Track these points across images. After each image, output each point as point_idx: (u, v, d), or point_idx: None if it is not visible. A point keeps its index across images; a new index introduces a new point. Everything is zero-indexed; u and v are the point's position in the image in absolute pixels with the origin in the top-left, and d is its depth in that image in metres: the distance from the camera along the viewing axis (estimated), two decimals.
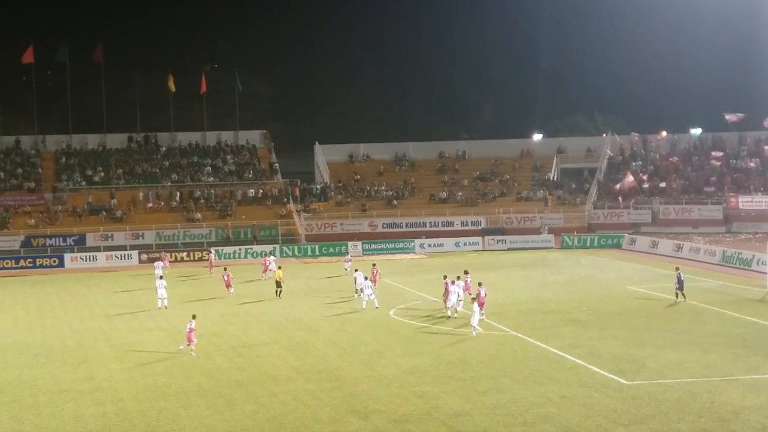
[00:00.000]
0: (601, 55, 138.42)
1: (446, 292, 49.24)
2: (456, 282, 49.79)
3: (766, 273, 56.99)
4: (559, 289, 57.94)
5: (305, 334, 45.25)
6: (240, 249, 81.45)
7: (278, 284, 56.79)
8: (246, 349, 41.38)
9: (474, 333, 42.70)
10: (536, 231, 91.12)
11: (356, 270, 57.83)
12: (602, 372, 35.33)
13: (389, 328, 46.42)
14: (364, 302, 51.83)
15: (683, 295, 51.52)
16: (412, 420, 29.87)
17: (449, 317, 47.69)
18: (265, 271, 65.29)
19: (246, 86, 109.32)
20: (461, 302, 48.62)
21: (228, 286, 57.73)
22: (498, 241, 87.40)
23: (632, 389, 32.78)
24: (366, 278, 53.79)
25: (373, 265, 59.89)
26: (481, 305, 45.66)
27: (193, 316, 42.39)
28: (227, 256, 75.16)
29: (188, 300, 56.48)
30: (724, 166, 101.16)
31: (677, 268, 53.65)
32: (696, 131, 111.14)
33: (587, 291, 56.36)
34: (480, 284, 48.05)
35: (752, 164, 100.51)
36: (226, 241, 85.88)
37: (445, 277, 52.04)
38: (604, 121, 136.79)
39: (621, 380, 34.01)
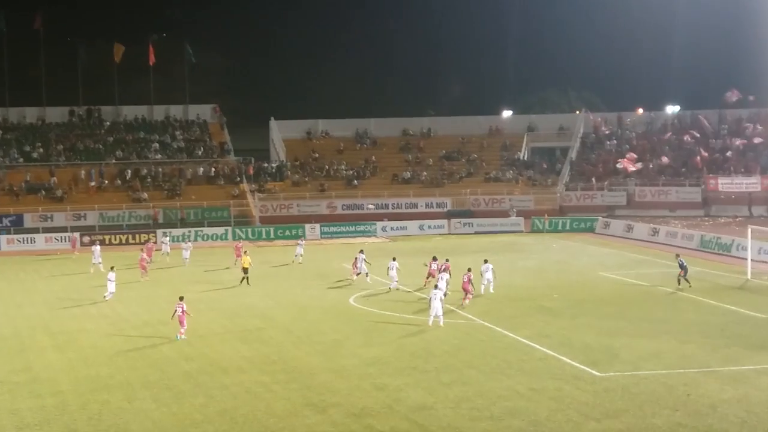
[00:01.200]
0: (575, 29, 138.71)
1: (429, 275, 51.61)
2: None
3: (746, 259, 57.52)
4: (529, 276, 58.18)
5: (259, 322, 45.14)
6: (190, 231, 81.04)
7: (245, 271, 56.33)
8: (195, 339, 41.20)
9: (431, 322, 42.60)
10: (505, 214, 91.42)
11: (361, 251, 57.74)
12: (573, 363, 35.53)
13: (349, 316, 46.41)
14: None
15: (687, 281, 51.86)
16: (372, 414, 29.89)
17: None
18: (238, 256, 63.18)
19: (197, 57, 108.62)
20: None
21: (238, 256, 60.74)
22: (465, 225, 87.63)
23: (605, 381, 33.00)
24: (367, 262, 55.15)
25: (360, 251, 60.02)
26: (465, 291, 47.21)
27: (181, 298, 42.21)
28: (176, 239, 74.76)
29: (136, 285, 56.17)
30: (703, 145, 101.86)
31: (677, 255, 54.11)
32: (674, 108, 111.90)
33: (558, 277, 56.64)
34: (469, 269, 48.67)
35: (733, 144, 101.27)
36: (177, 223, 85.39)
37: (434, 258, 53.42)
38: (578, 97, 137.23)
39: (593, 372, 34.21)
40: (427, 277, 52.84)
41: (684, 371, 34.21)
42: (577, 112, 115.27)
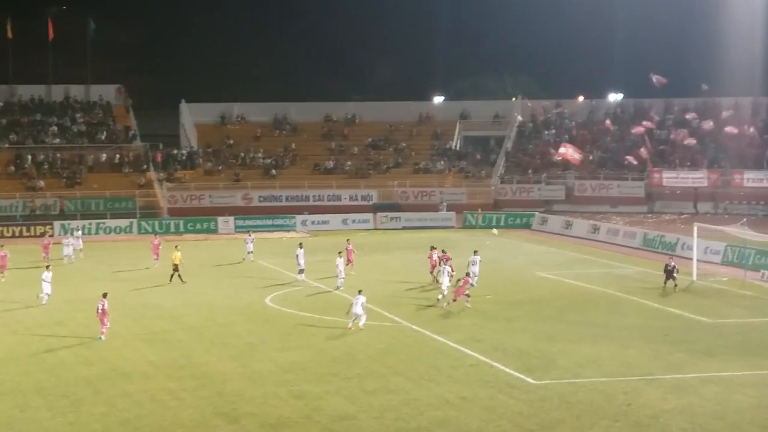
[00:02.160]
0: (512, 9, 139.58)
1: (433, 267, 53.59)
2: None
3: (691, 259, 58.33)
4: (459, 274, 58.32)
5: (166, 323, 44.78)
6: (91, 224, 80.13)
7: (175, 268, 55.56)
8: (96, 341, 40.74)
9: (349, 325, 42.49)
10: (435, 208, 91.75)
11: (300, 246, 57.29)
12: (507, 370, 35.74)
13: (265, 317, 46.24)
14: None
15: (675, 284, 52.41)
16: (289, 424, 29.81)
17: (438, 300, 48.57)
18: (156, 253, 61.91)
19: (100, 33, 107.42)
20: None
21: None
22: (392, 219, 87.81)
23: (541, 389, 33.23)
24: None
25: (347, 240, 60.04)
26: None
27: (104, 295, 41.70)
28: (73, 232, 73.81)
29: (28, 280, 55.43)
30: (648, 136, 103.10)
31: (671, 257, 54.67)
32: (616, 96, 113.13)
33: (492, 277, 56.91)
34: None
35: (679, 135, 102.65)
36: (77, 215, 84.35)
37: (432, 248, 54.98)
38: (514, 83, 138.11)
39: (528, 379, 34.45)
40: (432, 270, 54.47)
41: (625, 379, 34.58)
42: (514, 99, 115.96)
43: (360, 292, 43.37)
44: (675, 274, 52.73)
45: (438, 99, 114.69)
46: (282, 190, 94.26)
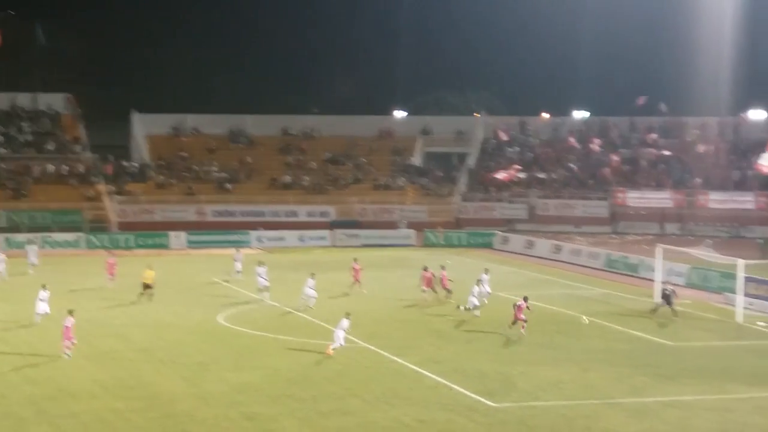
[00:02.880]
0: (476, 24, 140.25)
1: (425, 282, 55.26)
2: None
3: (654, 281, 58.79)
4: (421, 295, 58.56)
5: (114, 342, 44.63)
6: (36, 237, 79.68)
7: (146, 287, 54.73)
8: (40, 359, 40.55)
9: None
10: (395, 225, 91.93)
11: (260, 264, 57.33)
12: (466, 392, 35.91)
13: (217, 336, 46.19)
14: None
15: (674, 310, 51.99)
16: None
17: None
18: (111, 273, 60.56)
19: (49, 40, 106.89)
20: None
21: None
22: (350, 236, 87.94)
23: (500, 413, 33.43)
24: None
25: (354, 260, 60.55)
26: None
27: (70, 312, 41.52)
28: (18, 246, 73.43)
29: None
30: (612, 155, 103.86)
31: (666, 282, 54.70)
32: (581, 114, 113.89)
33: (452, 297, 57.08)
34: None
35: (644, 155, 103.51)
36: (21, 227, 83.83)
37: (425, 269, 56.06)
38: (477, 99, 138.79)
39: (488, 402, 34.63)
40: (427, 286, 56.11)
41: (586, 402, 34.85)
42: (477, 115, 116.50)
43: (347, 315, 42.94)
44: (673, 299, 52.30)
45: (399, 114, 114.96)
46: (237, 205, 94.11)
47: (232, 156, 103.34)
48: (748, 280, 54.20)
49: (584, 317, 49.19)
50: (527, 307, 46.49)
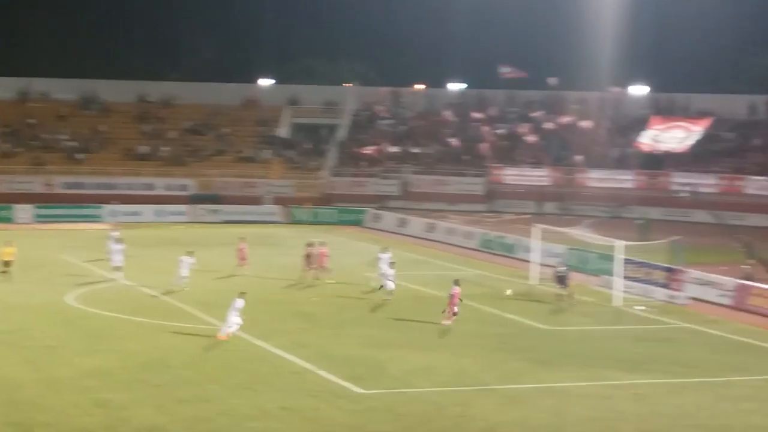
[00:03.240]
0: None
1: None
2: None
3: (530, 262, 59.65)
4: (286, 274, 58.52)
5: None
6: None
7: (6, 264, 53.69)
8: None
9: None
10: (259, 201, 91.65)
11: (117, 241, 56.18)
12: (333, 378, 36.00)
13: (66, 317, 45.59)
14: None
15: (569, 293, 52.31)
16: None
17: None
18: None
19: None
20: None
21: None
22: (211, 212, 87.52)
23: (369, 400, 33.59)
24: None
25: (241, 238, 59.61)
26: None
27: None
28: None
29: None
30: (489, 130, 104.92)
31: (559, 264, 54.93)
32: (458, 86, 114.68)
33: (330, 277, 57.17)
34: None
35: (522, 130, 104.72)
36: None
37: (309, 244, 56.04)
38: (349, 68, 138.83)
39: (356, 389, 34.76)
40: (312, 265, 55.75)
41: (458, 389, 35.20)
42: (348, 85, 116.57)
43: (242, 294, 42.38)
44: (567, 282, 52.82)
45: (265, 82, 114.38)
46: (89, 177, 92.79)
47: (83, 124, 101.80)
48: (626, 262, 55.30)
49: (508, 290, 48.94)
50: (460, 299, 45.70)
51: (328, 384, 35.35)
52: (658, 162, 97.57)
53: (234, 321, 41.37)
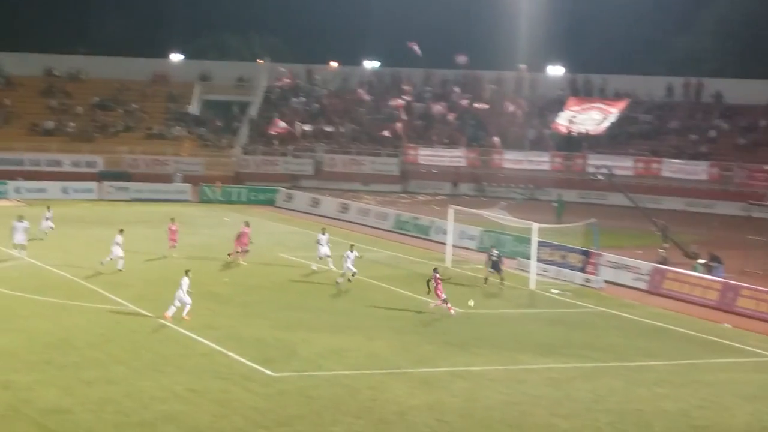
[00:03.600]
0: None
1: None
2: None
3: (445, 244, 59.91)
4: (195, 254, 58.24)
5: None
6: None
7: None
8: None
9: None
10: (169, 178, 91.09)
11: (18, 220, 55.43)
12: (243, 360, 35.92)
13: None
14: None
15: (501, 277, 52.33)
16: None
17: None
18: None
19: None
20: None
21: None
22: (119, 189, 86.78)
23: (279, 382, 33.56)
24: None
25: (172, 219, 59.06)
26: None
27: None
28: None
29: None
30: (404, 109, 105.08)
31: (492, 248, 54.64)
32: (372, 64, 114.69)
33: (230, 258, 57.02)
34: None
35: (437, 110, 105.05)
36: None
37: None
38: (262, 44, 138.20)
39: (266, 371, 34.72)
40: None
41: (370, 372, 35.28)
42: (260, 61, 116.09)
43: (187, 273, 42.26)
44: (501, 267, 52.80)
45: (175, 57, 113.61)
46: None
47: None
48: (542, 245, 55.79)
49: (470, 301, 48.31)
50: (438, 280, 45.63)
51: (238, 366, 35.26)
52: (575, 144, 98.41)
53: (184, 300, 41.56)
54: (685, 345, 42.19)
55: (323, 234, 55.39)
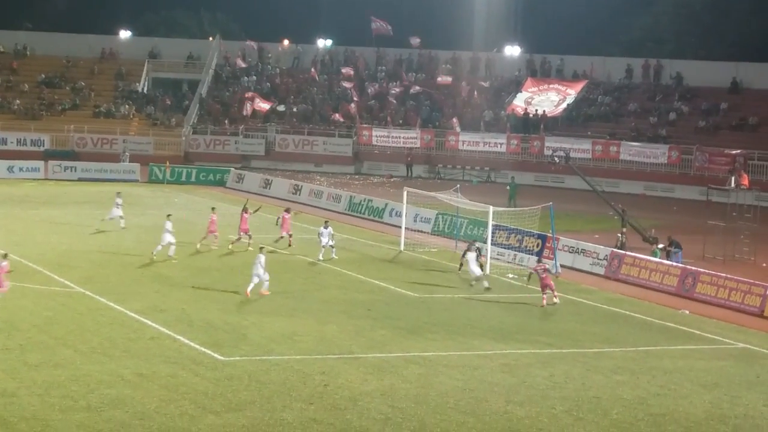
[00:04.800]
0: None
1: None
2: None
3: (399, 227, 59.93)
4: (144, 235, 58.01)
5: None
6: None
7: None
8: None
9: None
10: (117, 158, 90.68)
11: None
12: (192, 344, 35.82)
13: None
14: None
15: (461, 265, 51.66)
16: None
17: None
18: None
19: None
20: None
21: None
22: (66, 169, 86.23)
23: (229, 367, 33.48)
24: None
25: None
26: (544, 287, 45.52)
27: (4, 255, 39.97)
28: None
29: None
30: (358, 90, 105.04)
31: (474, 242, 54.17)
32: (325, 43, 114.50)
33: (179, 238, 56.71)
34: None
35: (391, 90, 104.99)
36: None
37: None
38: (212, 21, 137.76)
39: (216, 355, 34.63)
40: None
41: (322, 357, 35.25)
42: (211, 38, 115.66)
43: (261, 249, 44.17)
44: (480, 260, 52.19)
45: (124, 34, 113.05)
46: None
47: None
48: (498, 228, 55.88)
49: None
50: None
51: (186, 350, 35.16)
52: (532, 125, 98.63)
53: (262, 276, 43.54)
54: (643, 331, 42.38)
55: (325, 227, 54.56)
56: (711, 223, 59.47)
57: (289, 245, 56.15)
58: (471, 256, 49.56)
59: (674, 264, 52.33)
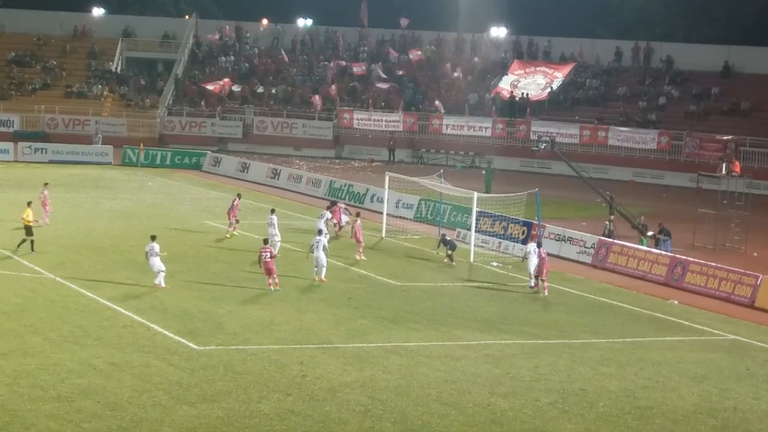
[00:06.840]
0: None
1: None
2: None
3: (381, 213, 59.93)
4: (117, 220, 57.99)
5: None
6: None
7: (29, 232, 48.41)
8: None
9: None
10: (89, 140, 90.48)
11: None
12: (167, 333, 35.84)
13: None
14: None
15: (450, 257, 51.78)
16: None
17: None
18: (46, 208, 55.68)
19: None
20: None
21: None
22: (36, 151, 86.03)
23: (204, 357, 33.50)
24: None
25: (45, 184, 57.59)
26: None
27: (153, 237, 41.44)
28: None
29: None
30: (339, 71, 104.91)
31: (443, 235, 54.13)
32: (306, 23, 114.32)
33: (154, 224, 56.71)
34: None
35: (373, 72, 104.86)
36: None
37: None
38: None
39: (191, 345, 34.65)
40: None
41: (301, 347, 35.29)
42: (187, 17, 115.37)
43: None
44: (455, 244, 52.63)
45: (98, 11, 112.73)
46: None
47: None
48: (483, 215, 55.90)
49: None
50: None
51: (161, 339, 35.17)
52: (518, 109, 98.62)
53: (321, 262, 45.01)
54: (631, 322, 42.50)
55: (321, 216, 54.49)
56: (701, 211, 59.54)
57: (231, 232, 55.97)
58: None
59: (663, 253, 52.44)
